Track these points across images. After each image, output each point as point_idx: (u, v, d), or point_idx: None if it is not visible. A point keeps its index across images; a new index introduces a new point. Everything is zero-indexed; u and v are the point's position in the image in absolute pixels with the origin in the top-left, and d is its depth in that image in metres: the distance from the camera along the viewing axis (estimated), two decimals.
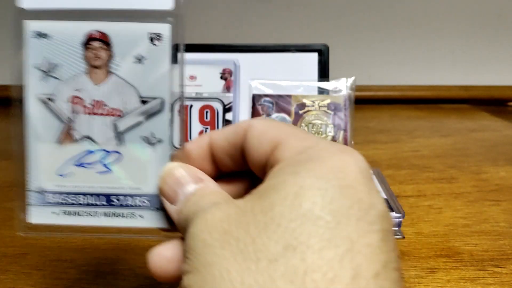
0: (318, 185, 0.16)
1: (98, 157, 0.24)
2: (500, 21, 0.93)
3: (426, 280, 0.30)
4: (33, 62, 0.24)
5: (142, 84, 0.24)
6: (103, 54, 0.24)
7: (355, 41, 0.94)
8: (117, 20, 0.24)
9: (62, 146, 0.24)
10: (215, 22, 0.94)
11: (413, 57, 0.95)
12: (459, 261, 0.32)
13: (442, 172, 0.51)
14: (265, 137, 0.19)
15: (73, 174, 0.24)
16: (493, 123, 0.76)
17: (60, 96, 0.24)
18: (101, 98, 0.24)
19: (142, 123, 0.24)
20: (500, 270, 0.31)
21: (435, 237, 0.36)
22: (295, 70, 0.52)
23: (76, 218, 0.25)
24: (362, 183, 0.16)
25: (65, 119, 0.24)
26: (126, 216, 0.25)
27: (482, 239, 0.35)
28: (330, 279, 0.14)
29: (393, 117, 0.83)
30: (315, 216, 0.15)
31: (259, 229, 0.15)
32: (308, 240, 0.15)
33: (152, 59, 0.24)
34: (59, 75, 0.24)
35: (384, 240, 0.15)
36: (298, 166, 0.17)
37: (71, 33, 0.24)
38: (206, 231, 0.16)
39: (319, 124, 0.50)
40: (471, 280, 0.30)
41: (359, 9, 0.93)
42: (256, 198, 0.17)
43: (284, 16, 0.93)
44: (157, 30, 0.23)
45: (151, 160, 0.24)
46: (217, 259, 0.15)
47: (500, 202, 0.42)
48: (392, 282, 0.15)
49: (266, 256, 0.15)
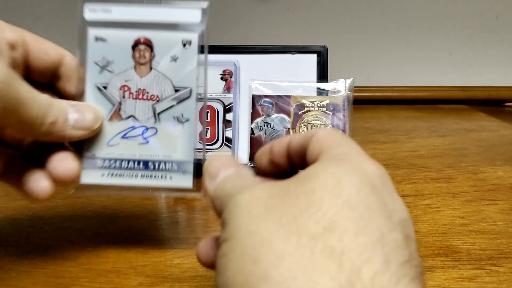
0: (354, 181, 0.18)
1: (140, 132, 0.31)
2: (498, 22, 0.94)
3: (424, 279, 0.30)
4: (92, 59, 0.31)
5: (175, 77, 0.31)
6: (147, 55, 0.32)
7: (353, 43, 0.94)
8: (159, 29, 0.32)
9: (112, 122, 0.31)
10: (216, 24, 0.94)
11: (411, 58, 0.96)
12: (457, 259, 0.33)
13: (440, 172, 0.51)
14: (319, 142, 0.22)
15: (119, 145, 0.31)
16: (491, 124, 0.77)
17: (112, 85, 0.31)
18: (144, 87, 0.31)
19: (174, 106, 0.31)
20: (498, 268, 0.31)
21: (433, 236, 0.36)
22: (295, 71, 0.53)
23: (119, 179, 0.31)
24: (386, 190, 0.18)
25: (115, 102, 0.31)
26: (159, 177, 0.31)
27: (480, 238, 0.36)
28: (365, 259, 0.15)
29: (392, 118, 0.83)
30: (352, 205, 0.17)
31: (300, 209, 0.17)
32: (344, 224, 0.16)
33: (183, 59, 0.31)
34: (112, 69, 0.31)
35: (407, 239, 0.17)
36: (337, 161, 0.19)
37: (123, 38, 0.32)
38: (252, 204, 0.18)
39: (318, 125, 0.50)
40: (468, 279, 0.30)
41: (358, 10, 0.94)
42: (299, 181, 0.18)
43: (283, 18, 0.93)
44: (188, 38, 0.32)
45: (180, 135, 0.31)
46: (260, 229, 0.17)
47: (497, 202, 0.43)
48: (415, 272, 0.16)
49: (306, 233, 0.16)
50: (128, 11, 0.32)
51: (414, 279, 0.16)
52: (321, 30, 0.94)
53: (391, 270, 0.15)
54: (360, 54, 0.95)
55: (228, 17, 0.93)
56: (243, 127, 0.52)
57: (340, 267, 0.15)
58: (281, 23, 0.94)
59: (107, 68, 0.32)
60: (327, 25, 0.94)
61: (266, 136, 0.50)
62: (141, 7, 0.32)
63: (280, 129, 0.50)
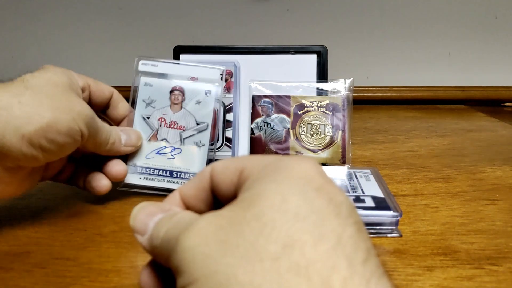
0: (297, 190, 0.18)
1: (169, 150, 0.44)
2: (497, 22, 0.94)
3: (423, 278, 0.30)
4: (141, 97, 0.45)
5: (198, 115, 0.45)
6: (180, 98, 0.45)
7: (353, 43, 0.95)
8: (189, 81, 0.46)
9: (150, 142, 0.44)
10: (216, 24, 0.94)
11: (411, 59, 0.96)
12: (456, 259, 0.33)
13: (439, 172, 0.51)
14: (228, 170, 0.22)
15: (153, 158, 0.44)
16: (489, 124, 0.77)
17: (153, 116, 0.45)
18: (175, 119, 0.45)
19: (195, 135, 0.45)
20: (497, 268, 0.31)
21: (432, 236, 0.36)
22: (294, 71, 0.53)
23: (151, 182, 0.44)
24: (327, 184, 0.19)
25: (154, 128, 0.45)
26: (179, 183, 0.44)
27: (479, 238, 0.36)
28: (331, 267, 0.15)
29: (391, 118, 0.83)
30: (303, 216, 0.17)
31: (255, 234, 0.17)
32: (301, 237, 0.16)
33: (204, 103, 0.45)
34: (154, 106, 0.45)
35: (360, 231, 0.18)
36: (272, 175, 0.19)
37: (164, 85, 0.46)
38: (202, 243, 0.17)
39: (317, 125, 0.50)
40: (467, 278, 0.30)
41: (358, 11, 0.94)
42: (244, 207, 0.18)
43: (283, 18, 0.94)
44: (209, 89, 0.45)
45: (197, 154, 0.44)
46: (221, 267, 0.16)
47: (496, 201, 0.43)
48: (376, 266, 0.17)
49: (268, 256, 0.16)
50: (169, 67, 0.46)
51: (381, 277, 0.16)
52: (321, 30, 0.94)
53: (358, 271, 0.16)
54: (359, 54, 0.95)
55: (228, 17, 0.94)
56: (243, 127, 0.52)
57: (310, 282, 0.15)
58: (281, 23, 0.94)
59: (151, 104, 0.45)
60: (327, 25, 0.94)
61: (266, 136, 0.50)
62: (179, 64, 0.46)
63: (280, 129, 0.50)
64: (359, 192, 0.39)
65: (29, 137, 0.32)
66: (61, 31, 0.95)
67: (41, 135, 0.32)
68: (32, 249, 0.34)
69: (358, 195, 0.39)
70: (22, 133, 0.31)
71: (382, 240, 0.36)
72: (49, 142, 0.33)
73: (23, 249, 0.34)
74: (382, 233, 0.36)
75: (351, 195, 0.39)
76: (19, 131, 0.31)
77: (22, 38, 0.96)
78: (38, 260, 0.33)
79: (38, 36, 0.96)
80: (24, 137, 0.31)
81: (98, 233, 0.37)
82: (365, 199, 0.38)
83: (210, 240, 0.17)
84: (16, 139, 0.31)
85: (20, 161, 0.33)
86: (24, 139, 0.32)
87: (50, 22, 0.95)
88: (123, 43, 0.95)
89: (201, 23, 0.94)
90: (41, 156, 0.33)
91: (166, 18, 0.94)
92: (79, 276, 0.31)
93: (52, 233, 0.37)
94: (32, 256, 0.33)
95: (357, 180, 0.42)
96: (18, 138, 0.31)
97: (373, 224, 0.36)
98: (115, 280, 0.30)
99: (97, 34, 0.95)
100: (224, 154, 0.51)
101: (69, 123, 0.33)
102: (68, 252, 0.34)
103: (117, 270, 0.31)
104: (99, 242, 0.35)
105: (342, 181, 0.42)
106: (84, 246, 0.35)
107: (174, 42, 0.55)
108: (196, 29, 0.94)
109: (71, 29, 0.95)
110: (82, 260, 0.33)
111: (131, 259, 0.33)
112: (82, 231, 0.37)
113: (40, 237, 0.36)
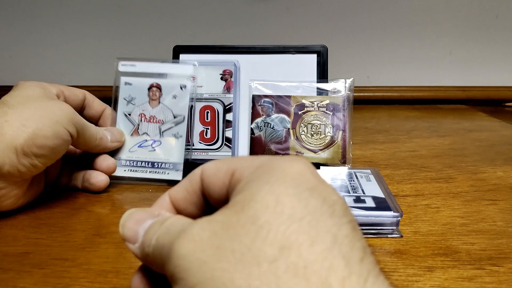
0: (291, 191, 0.18)
1: (150, 143, 0.48)
2: (498, 22, 0.94)
3: (423, 279, 0.30)
4: (122, 96, 0.49)
5: (175, 108, 0.49)
6: (157, 94, 0.49)
7: (353, 42, 0.94)
8: (165, 78, 0.50)
9: (132, 137, 0.49)
10: (216, 24, 0.94)
11: (411, 58, 0.96)
12: (457, 260, 0.33)
13: (440, 172, 0.51)
14: (219, 172, 0.21)
15: (136, 151, 0.48)
16: (490, 123, 0.77)
17: (134, 112, 0.49)
18: (154, 114, 0.49)
19: (173, 127, 0.49)
20: (498, 269, 0.31)
21: (433, 236, 0.36)
22: (295, 71, 0.53)
23: (135, 173, 0.48)
24: (320, 184, 0.19)
25: (135, 124, 0.49)
26: (160, 173, 0.48)
27: (480, 238, 0.36)
28: (328, 267, 0.15)
29: (391, 118, 0.83)
30: (298, 217, 0.17)
31: (251, 237, 0.16)
32: (298, 238, 0.16)
33: (180, 97, 0.49)
34: (134, 103, 0.49)
35: (355, 230, 0.17)
36: (265, 176, 0.19)
37: (143, 83, 0.50)
38: (197, 250, 0.17)
39: (318, 125, 0.50)
40: (468, 279, 0.30)
41: (358, 10, 0.93)
42: (238, 210, 0.18)
43: (283, 18, 0.93)
44: (183, 83, 0.49)
45: (176, 145, 0.48)
46: (217, 273, 0.16)
47: (497, 202, 0.43)
48: (373, 265, 0.17)
49: (265, 259, 0.16)
50: (147, 66, 0.50)
51: (378, 276, 0.16)
52: (321, 30, 0.94)
53: (355, 270, 0.16)
54: (360, 54, 0.95)
55: (228, 17, 0.93)
56: (243, 127, 0.52)
57: (308, 283, 0.15)
58: (281, 23, 0.94)
59: (131, 102, 0.49)
60: (327, 25, 0.94)
61: (266, 136, 0.50)
62: (155, 63, 0.50)
63: (280, 129, 0.50)
64: (359, 192, 0.39)
65: (21, 149, 0.36)
66: (60, 30, 0.95)
67: (31, 144, 0.36)
68: (30, 249, 0.34)
69: (359, 196, 0.38)
70: (14, 147, 0.35)
71: (383, 240, 0.35)
72: (40, 148, 0.37)
73: (22, 250, 0.34)
74: (382, 234, 0.36)
75: (351, 195, 0.38)
76: (12, 146, 0.35)
77: (20, 37, 0.96)
78: (37, 260, 0.33)
79: (36, 35, 0.96)
80: (17, 150, 0.36)
81: (97, 234, 0.37)
82: (366, 200, 0.38)
83: (205, 246, 0.17)
84: (11, 153, 0.35)
85: (22, 173, 0.37)
86: (18, 151, 0.36)
87: (48, 21, 0.95)
88: (122, 43, 0.95)
89: (201, 22, 0.94)
90: (37, 163, 0.37)
91: (166, 18, 0.94)
92: (78, 276, 0.31)
93: (50, 233, 0.37)
94: (31, 256, 0.33)
95: (357, 180, 0.42)
96: (12, 152, 0.36)
97: (373, 225, 0.36)
98: (114, 281, 0.30)
99: (95, 33, 0.95)
100: (224, 154, 0.51)
101: (53, 126, 0.37)
102: (66, 253, 0.34)
103: (116, 271, 0.31)
104: (98, 243, 0.35)
105: (343, 181, 0.42)
106: (83, 247, 0.35)
107: (174, 42, 0.55)
108: (196, 29, 0.94)
109: (69, 27, 0.95)
110: (81, 260, 0.33)
111: (130, 260, 0.33)
112: (81, 231, 0.37)
113: (38, 237, 0.36)
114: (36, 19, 0.95)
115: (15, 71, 0.97)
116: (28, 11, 0.95)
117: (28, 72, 0.96)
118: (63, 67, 0.95)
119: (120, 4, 0.94)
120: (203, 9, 0.93)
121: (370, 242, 0.35)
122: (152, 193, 0.46)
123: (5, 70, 0.97)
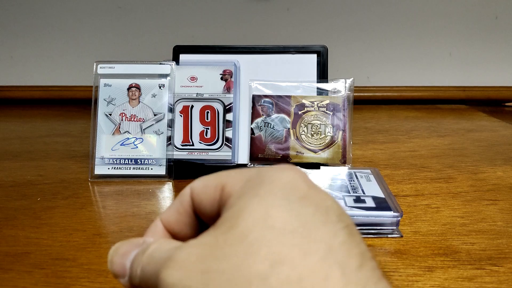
0: (281, 203, 0.17)
1: (132, 141, 0.50)
2: (497, 23, 0.94)
3: (424, 279, 0.30)
4: (102, 97, 0.51)
5: (154, 107, 0.51)
6: (137, 93, 0.51)
7: (354, 43, 0.94)
8: (144, 78, 0.52)
9: (114, 136, 0.51)
10: (216, 24, 0.94)
11: (411, 59, 0.96)
12: (457, 259, 0.33)
13: (440, 172, 0.51)
14: (208, 188, 0.20)
15: (119, 149, 0.50)
16: (490, 124, 0.77)
17: (115, 112, 0.51)
18: (135, 113, 0.51)
19: (154, 124, 0.51)
20: (498, 268, 0.31)
21: (432, 236, 0.36)
22: (295, 71, 0.53)
23: (119, 171, 0.50)
24: (312, 191, 0.18)
25: (116, 123, 0.51)
26: (144, 169, 0.50)
27: (480, 238, 0.36)
28: (324, 278, 0.15)
29: (391, 118, 0.83)
30: (289, 229, 0.16)
31: (240, 257, 0.16)
32: (290, 252, 0.15)
33: (159, 96, 0.51)
34: (115, 103, 0.51)
35: (351, 235, 0.17)
36: (254, 189, 0.18)
37: (122, 84, 0.52)
38: (185, 278, 0.16)
39: (318, 125, 0.50)
40: (468, 279, 0.30)
41: (358, 11, 0.94)
42: (225, 230, 0.17)
43: (283, 18, 0.93)
44: (162, 82, 0.52)
45: (157, 142, 0.50)
46: None
47: (497, 202, 0.43)
48: (372, 271, 0.16)
49: (256, 276, 0.15)
50: (125, 67, 0.52)
51: (378, 282, 0.16)
52: (321, 30, 0.94)
53: (352, 280, 0.15)
54: (360, 54, 0.95)
55: (228, 17, 0.93)
56: (243, 127, 0.52)
57: None
58: (281, 23, 0.94)
59: (112, 102, 0.51)
60: (327, 25, 0.94)
61: (266, 136, 0.50)
62: (133, 64, 0.52)
63: (280, 129, 0.50)
64: (359, 192, 0.39)
65: None
66: (60, 30, 0.95)
67: None
68: (31, 249, 0.34)
69: (359, 195, 0.38)
70: None
71: (383, 240, 0.35)
72: None
73: (23, 250, 0.34)
74: (382, 234, 0.36)
75: (351, 195, 0.38)
76: None
77: (21, 38, 0.96)
78: (38, 261, 0.33)
79: (37, 35, 0.96)
80: None
81: (97, 234, 0.37)
82: (366, 200, 0.38)
83: (191, 273, 0.16)
84: None
85: None
86: None
87: (50, 21, 0.95)
88: (122, 42, 0.95)
89: (201, 22, 0.94)
90: None
91: (166, 18, 0.94)
92: (79, 276, 0.31)
93: (51, 234, 0.37)
94: (32, 257, 0.33)
95: (357, 180, 0.42)
96: None
97: (373, 225, 0.36)
98: (114, 281, 0.30)
99: (96, 34, 0.95)
100: (224, 154, 0.51)
101: None
102: (67, 253, 0.34)
103: None
104: (98, 243, 0.35)
105: (343, 181, 0.42)
106: (84, 247, 0.35)
107: (174, 42, 0.55)
108: (196, 29, 0.94)
109: (69, 28, 0.95)
110: (82, 260, 0.33)
111: None
112: (81, 232, 0.37)
113: (39, 238, 0.36)
114: (38, 21, 0.95)
115: (15, 71, 0.97)
116: (28, 11, 0.95)
117: (28, 72, 0.96)
118: (63, 67, 0.95)
119: (121, 5, 0.94)
120: (203, 9, 0.93)
121: (370, 242, 0.35)
122: (151, 192, 0.46)
123: (5, 70, 0.97)
